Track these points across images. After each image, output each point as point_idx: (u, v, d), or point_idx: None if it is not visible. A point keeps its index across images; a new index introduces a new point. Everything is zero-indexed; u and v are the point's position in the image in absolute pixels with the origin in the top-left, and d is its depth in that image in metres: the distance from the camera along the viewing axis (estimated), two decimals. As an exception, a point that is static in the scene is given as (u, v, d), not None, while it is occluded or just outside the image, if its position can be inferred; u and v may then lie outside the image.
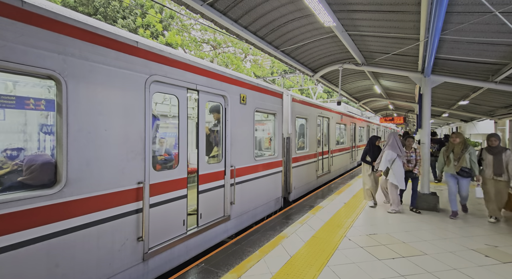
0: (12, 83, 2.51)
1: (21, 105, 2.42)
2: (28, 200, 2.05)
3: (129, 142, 2.78)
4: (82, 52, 2.38)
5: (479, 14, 3.48)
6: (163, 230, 3.20)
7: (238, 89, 4.56)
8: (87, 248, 2.41)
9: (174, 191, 3.36)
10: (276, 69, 30.54)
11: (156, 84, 3.14)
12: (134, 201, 2.83)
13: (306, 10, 4.70)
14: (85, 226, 2.40)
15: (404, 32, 4.73)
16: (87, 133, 2.41)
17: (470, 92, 8.11)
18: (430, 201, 5.64)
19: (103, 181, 2.54)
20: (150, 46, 3.03)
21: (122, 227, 2.70)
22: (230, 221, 4.37)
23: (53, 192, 2.18)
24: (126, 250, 2.74)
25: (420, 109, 6.13)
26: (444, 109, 12.19)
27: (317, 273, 3.10)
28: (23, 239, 2.02)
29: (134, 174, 2.82)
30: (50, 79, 2.24)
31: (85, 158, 2.39)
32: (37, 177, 2.23)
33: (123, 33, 2.79)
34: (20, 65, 2.02)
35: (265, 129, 6.90)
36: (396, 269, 3.18)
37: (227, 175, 4.26)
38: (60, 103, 2.24)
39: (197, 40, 20.66)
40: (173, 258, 3.31)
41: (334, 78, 9.41)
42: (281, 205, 6.14)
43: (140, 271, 2.89)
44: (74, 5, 15.11)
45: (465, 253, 3.63)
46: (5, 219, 1.93)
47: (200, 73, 3.74)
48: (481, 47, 4.52)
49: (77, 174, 2.33)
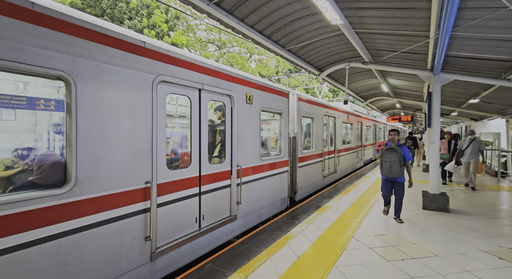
0: (23, 84, 2.54)
1: (32, 105, 2.46)
2: (39, 199, 2.06)
3: (136, 142, 2.79)
4: (90, 53, 2.40)
5: (493, 10, 3.38)
6: (172, 230, 3.22)
7: (244, 88, 4.55)
8: (96, 247, 2.43)
9: (186, 189, 3.39)
10: (281, 69, 30.44)
11: (164, 84, 3.15)
12: (142, 201, 2.84)
13: (313, 8, 4.65)
14: (94, 225, 2.41)
15: (413, 29, 4.64)
16: (95, 133, 2.43)
17: (481, 90, 7.92)
18: (439, 201, 5.53)
19: (112, 181, 2.55)
20: (157, 46, 3.04)
21: (130, 227, 2.71)
22: (237, 221, 4.36)
23: (63, 191, 2.20)
24: (134, 250, 2.75)
25: (429, 108, 6.00)
26: (454, 107, 11.95)
27: (325, 274, 3.07)
28: (34, 238, 2.05)
29: (141, 174, 2.83)
30: (59, 80, 2.26)
31: (94, 158, 2.41)
32: (47, 176, 2.25)
33: (130, 33, 2.80)
34: (30, 66, 2.04)
35: (271, 129, 6.87)
36: (406, 271, 3.13)
37: (233, 175, 4.25)
38: (70, 103, 2.26)
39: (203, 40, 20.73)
40: (181, 257, 3.32)
41: (341, 77, 9.32)
42: (287, 205, 6.11)
43: (148, 271, 2.90)
44: (82, 7, 15.32)
45: (478, 255, 3.54)
46: (16, 218, 1.96)
47: (206, 73, 3.74)
48: (493, 44, 4.39)
49: (86, 174, 2.35)
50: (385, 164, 4.79)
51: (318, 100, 8.16)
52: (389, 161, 4.73)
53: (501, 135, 14.94)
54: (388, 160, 4.75)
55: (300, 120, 6.80)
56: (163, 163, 3.11)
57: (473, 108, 11.52)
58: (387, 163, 4.75)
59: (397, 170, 4.66)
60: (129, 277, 2.71)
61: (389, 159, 4.74)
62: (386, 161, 4.77)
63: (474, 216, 5.19)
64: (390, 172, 4.74)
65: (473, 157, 7.46)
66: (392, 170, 4.70)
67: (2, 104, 2.31)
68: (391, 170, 4.71)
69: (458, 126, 25.20)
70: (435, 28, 4.01)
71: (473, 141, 7.49)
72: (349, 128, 11.96)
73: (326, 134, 8.85)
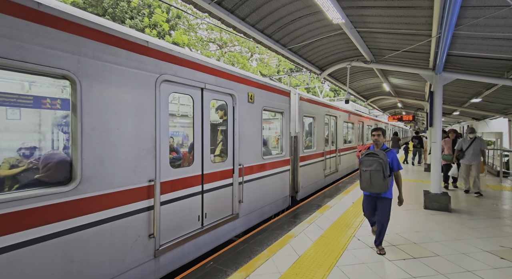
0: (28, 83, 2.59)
1: (38, 104, 2.49)
2: (45, 197, 2.10)
3: (140, 141, 2.83)
4: (95, 52, 2.43)
5: (496, 8, 3.36)
6: (175, 228, 3.25)
7: (246, 87, 4.56)
8: (100, 244, 2.46)
9: (189, 188, 3.42)
10: (283, 68, 30.39)
11: (167, 83, 3.18)
12: (146, 199, 2.87)
13: (314, 7, 4.64)
14: (99, 222, 2.45)
15: (415, 28, 4.62)
16: (100, 131, 2.46)
17: (483, 89, 7.88)
18: (441, 201, 5.52)
19: (116, 179, 2.59)
20: (160, 45, 3.07)
21: (134, 224, 2.75)
22: (239, 220, 4.38)
23: (69, 189, 2.23)
24: (138, 247, 2.79)
25: (431, 107, 5.98)
26: (455, 107, 11.90)
27: (326, 273, 3.07)
28: (41, 234, 2.08)
29: (145, 172, 2.86)
30: (65, 79, 2.29)
31: (98, 156, 2.44)
32: (53, 174, 2.28)
33: (134, 33, 2.83)
34: (36, 65, 2.07)
35: (272, 128, 6.89)
36: (407, 270, 3.12)
37: (235, 173, 4.27)
38: (75, 102, 2.30)
39: (204, 40, 20.73)
40: (183, 255, 3.35)
41: (342, 76, 9.30)
42: (289, 203, 6.13)
43: (151, 268, 2.93)
44: (84, 6, 15.35)
45: (479, 255, 3.53)
46: (23, 215, 1.99)
47: (209, 72, 3.76)
48: (496, 43, 4.37)
49: (91, 172, 2.39)
50: (364, 174, 3.44)
51: (319, 100, 8.16)
52: (368, 171, 3.38)
53: (504, 134, 14.87)
54: (367, 169, 3.39)
55: (302, 120, 6.81)
56: (166, 162, 3.14)
57: (475, 107, 11.47)
58: (367, 173, 3.40)
59: (380, 182, 3.32)
60: (133, 274, 2.74)
61: (368, 167, 3.38)
62: (366, 170, 3.41)
63: (476, 216, 5.18)
64: (370, 185, 3.39)
65: (476, 160, 6.64)
66: (373, 182, 3.35)
67: (9, 102, 2.34)
68: (371, 182, 3.36)
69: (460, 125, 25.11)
70: (437, 26, 3.99)
71: (475, 141, 6.68)
72: (350, 127, 11.94)
73: (328, 134, 8.85)
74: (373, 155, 3.40)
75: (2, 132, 2.45)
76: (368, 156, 3.44)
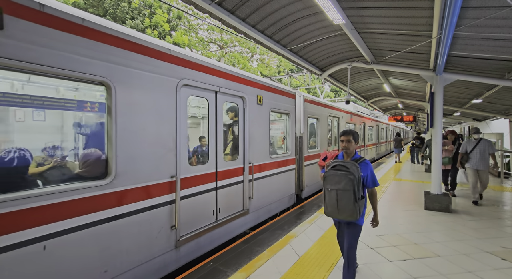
0: (67, 89, 2.86)
1: (80, 108, 2.78)
2: (85, 189, 2.36)
3: (163, 140, 3.09)
4: (126, 61, 2.72)
5: (496, 9, 3.36)
6: (192, 221, 3.49)
7: (255, 90, 4.79)
8: (130, 234, 2.73)
9: (205, 184, 3.67)
10: (283, 68, 30.40)
11: (186, 87, 3.41)
12: (168, 193, 3.13)
13: (314, 7, 4.65)
14: (129, 214, 2.71)
15: (415, 28, 4.62)
16: (130, 132, 2.74)
17: (484, 90, 7.87)
18: (442, 201, 5.51)
19: (143, 175, 2.86)
20: (180, 52, 3.31)
21: (158, 216, 3.01)
22: (249, 215, 4.60)
23: (106, 183, 2.51)
24: (162, 237, 3.05)
25: (432, 108, 5.97)
26: (456, 108, 11.88)
27: (327, 274, 3.07)
28: (82, 223, 2.34)
29: (168, 169, 3.12)
30: (101, 85, 2.56)
31: (129, 153, 2.72)
32: (91, 170, 2.56)
33: (157, 41, 3.07)
34: (80, 73, 2.34)
35: (279, 128, 6.99)
36: (408, 271, 3.12)
37: (245, 171, 4.48)
38: (110, 106, 2.57)
39: (204, 40, 20.76)
40: (200, 247, 3.59)
41: (343, 76, 9.30)
42: (295, 201, 6.34)
43: (173, 257, 3.20)
44: (85, 7, 15.39)
45: (480, 256, 3.53)
46: (68, 206, 2.25)
47: (222, 76, 4.00)
48: (497, 43, 4.36)
49: (124, 168, 2.66)
50: (329, 195, 2.45)
51: (323, 101, 8.30)
52: (335, 190, 2.40)
53: (504, 135, 14.84)
54: (333, 188, 2.41)
55: (306, 120, 6.96)
56: (185, 159, 3.39)
57: (476, 108, 11.45)
58: (332, 193, 2.42)
59: (350, 207, 2.36)
60: (158, 262, 3.00)
61: (335, 185, 2.40)
62: (331, 189, 2.43)
63: (477, 217, 5.17)
64: (336, 209, 2.43)
65: (483, 165, 5.87)
66: (340, 206, 2.39)
67: (58, 106, 2.61)
68: (338, 206, 2.40)
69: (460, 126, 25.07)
70: (437, 27, 3.99)
71: (480, 142, 5.98)
72: (352, 128, 11.96)
73: (331, 134, 8.93)
74: (342, 169, 2.41)
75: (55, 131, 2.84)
76: (335, 169, 2.44)
